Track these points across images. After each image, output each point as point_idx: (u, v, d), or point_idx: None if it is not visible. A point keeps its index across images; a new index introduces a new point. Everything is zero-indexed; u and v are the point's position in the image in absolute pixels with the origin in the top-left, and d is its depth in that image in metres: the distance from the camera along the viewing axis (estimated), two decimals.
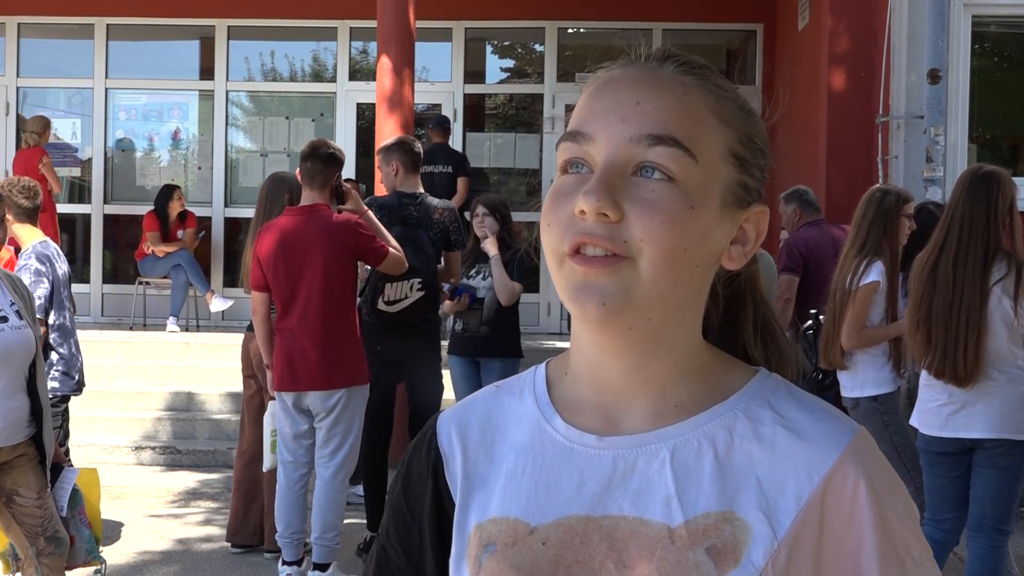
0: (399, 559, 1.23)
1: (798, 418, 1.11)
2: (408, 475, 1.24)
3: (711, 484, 1.08)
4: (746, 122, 1.14)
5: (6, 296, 4.17)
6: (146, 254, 10.80)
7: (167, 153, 12.12)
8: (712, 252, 1.12)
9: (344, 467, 5.57)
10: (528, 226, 11.51)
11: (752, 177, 1.14)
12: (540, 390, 1.20)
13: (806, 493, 1.07)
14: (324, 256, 5.40)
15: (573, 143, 1.11)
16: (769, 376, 1.16)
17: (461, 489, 1.18)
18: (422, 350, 6.24)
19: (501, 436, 1.20)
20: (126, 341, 9.87)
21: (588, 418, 1.15)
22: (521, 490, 1.14)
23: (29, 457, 4.23)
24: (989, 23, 8.73)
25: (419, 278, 6.03)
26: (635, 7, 11.25)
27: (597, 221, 1.05)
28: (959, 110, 8.28)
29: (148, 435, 8.70)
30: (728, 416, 1.12)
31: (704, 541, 1.06)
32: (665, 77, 1.11)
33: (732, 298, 1.23)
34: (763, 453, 1.09)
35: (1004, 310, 4.36)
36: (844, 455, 1.08)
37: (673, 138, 1.07)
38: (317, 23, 11.62)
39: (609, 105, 1.10)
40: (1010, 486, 4.43)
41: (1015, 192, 4.47)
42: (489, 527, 1.14)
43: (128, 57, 11.92)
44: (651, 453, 1.11)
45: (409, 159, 6.28)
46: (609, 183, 1.06)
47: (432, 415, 1.06)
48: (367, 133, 10.88)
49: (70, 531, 4.41)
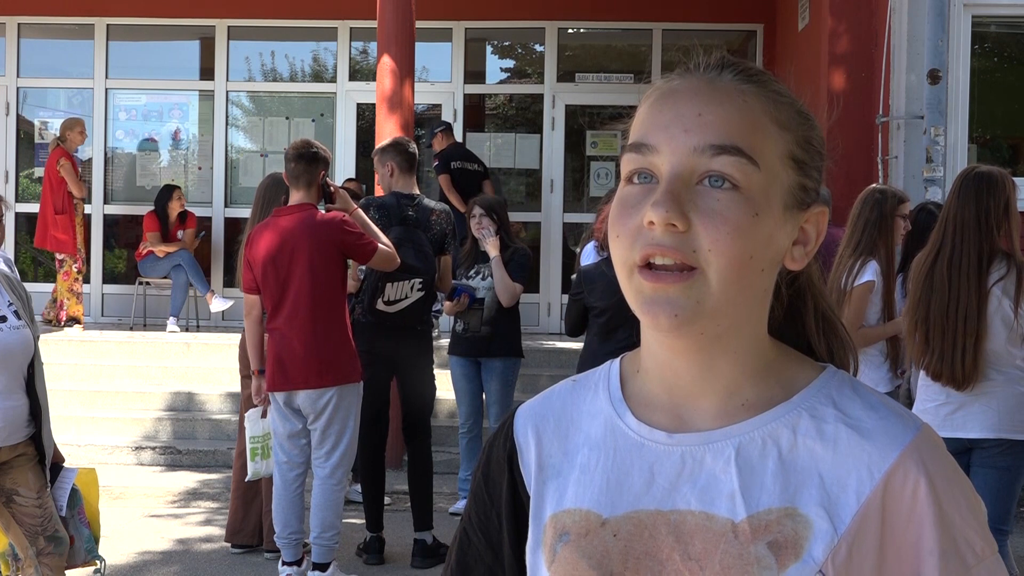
0: (479, 543, 1.28)
1: (861, 416, 1.14)
2: (488, 463, 1.30)
3: (774, 481, 1.12)
4: (803, 126, 1.18)
5: (4, 296, 4.17)
6: (146, 254, 10.80)
7: (167, 153, 12.12)
8: (776, 255, 1.15)
9: (340, 467, 5.57)
10: (526, 226, 11.53)
11: (810, 179, 1.18)
12: (614, 386, 1.24)
13: (867, 490, 1.10)
14: (310, 255, 5.41)
15: (637, 154, 1.14)
16: (835, 373, 1.19)
17: (535, 480, 1.24)
18: (416, 351, 6.24)
19: (576, 429, 1.24)
20: (126, 341, 9.87)
21: (658, 415, 1.19)
22: (594, 483, 1.19)
23: (28, 457, 4.23)
24: (989, 23, 8.73)
25: (420, 278, 6.03)
26: (635, 7, 11.25)
27: (666, 232, 1.09)
28: (959, 110, 8.28)
29: (148, 435, 8.71)
30: (792, 414, 1.15)
31: (766, 536, 1.10)
32: (724, 86, 1.15)
33: (795, 295, 1.26)
34: (825, 451, 1.12)
35: (1004, 311, 4.35)
36: (905, 453, 1.11)
37: (736, 147, 1.10)
38: (317, 23, 11.62)
39: (671, 116, 1.13)
40: (1009, 486, 4.43)
41: (1012, 192, 4.46)
42: (564, 517, 1.19)
43: (128, 57, 11.92)
44: (717, 450, 1.14)
45: (404, 160, 6.28)
46: (676, 194, 1.09)
47: (425, 416, 1.07)
48: (367, 133, 10.88)
49: (69, 531, 4.41)
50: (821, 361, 1.23)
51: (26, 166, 11.96)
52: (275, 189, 5.98)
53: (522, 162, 11.85)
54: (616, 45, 12.21)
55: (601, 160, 11.71)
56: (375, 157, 6.41)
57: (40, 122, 12.05)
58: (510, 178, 12.06)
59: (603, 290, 5.51)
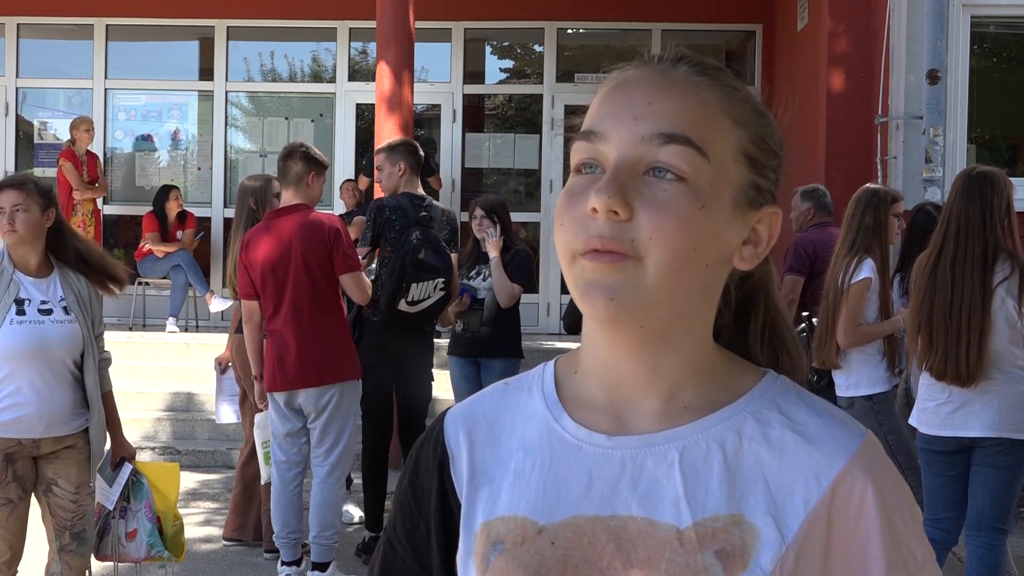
0: (405, 554, 1.24)
1: (807, 421, 1.11)
2: (416, 470, 1.24)
3: (720, 486, 1.09)
4: (758, 123, 1.15)
5: (58, 290, 4.24)
6: (145, 254, 10.80)
7: (166, 153, 12.13)
8: (723, 252, 1.12)
9: (340, 465, 5.58)
10: (526, 226, 11.53)
11: (765, 178, 1.15)
12: (549, 388, 1.20)
13: (814, 498, 1.08)
14: (307, 253, 5.43)
15: (587, 142, 1.12)
16: (777, 378, 1.16)
17: (467, 487, 1.19)
18: (419, 351, 6.26)
19: (509, 434, 1.20)
20: (125, 341, 9.87)
21: (597, 417, 1.15)
22: (530, 489, 1.15)
23: (77, 450, 4.31)
24: (988, 24, 8.74)
25: (442, 278, 6.07)
26: (634, 8, 11.26)
27: (607, 219, 1.06)
28: (958, 111, 8.28)
29: (148, 435, 8.71)
30: (737, 418, 1.12)
31: (713, 544, 1.07)
32: (678, 78, 1.12)
33: (744, 299, 1.23)
34: (772, 456, 1.10)
35: (1008, 311, 4.37)
36: (852, 460, 1.09)
37: (685, 136, 1.08)
38: (316, 24, 11.62)
39: (622, 105, 1.11)
40: (1009, 485, 4.44)
41: (1011, 192, 4.47)
42: (497, 525, 1.15)
43: (127, 58, 11.92)
44: (660, 454, 1.11)
45: (415, 161, 6.31)
46: (620, 181, 1.06)
47: (422, 415, 1.06)
48: (367, 134, 10.88)
49: (132, 524, 4.48)
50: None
51: (25, 166, 11.95)
52: (264, 192, 6.04)
53: (521, 162, 11.86)
54: (615, 45, 12.20)
55: None
56: (380, 154, 6.41)
57: (39, 122, 12.05)
58: (509, 178, 12.07)
59: None
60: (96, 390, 4.32)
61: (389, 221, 6.08)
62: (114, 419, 4.52)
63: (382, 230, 6.11)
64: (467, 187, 11.69)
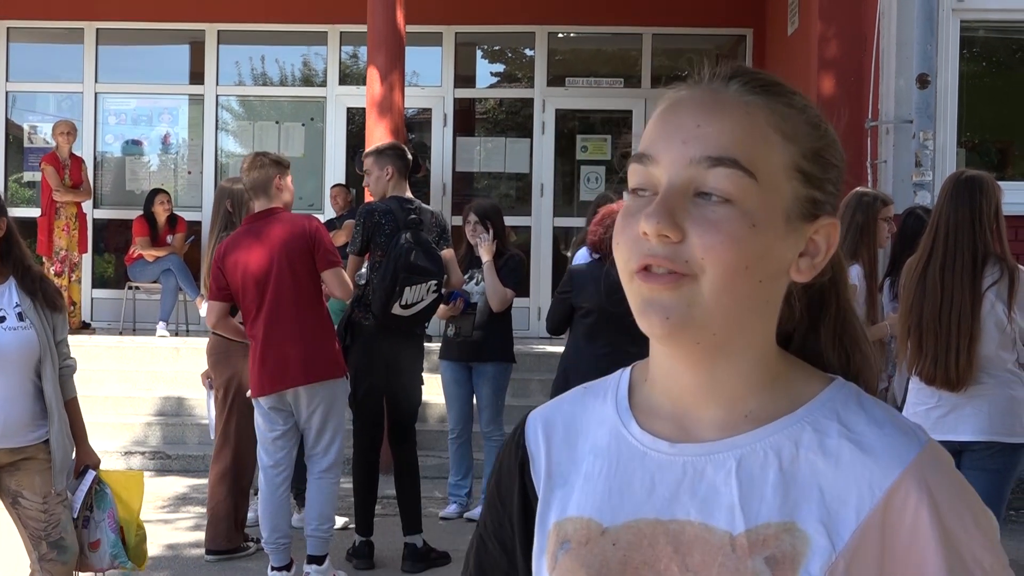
0: (495, 549, 1.30)
1: (865, 431, 1.13)
2: (500, 470, 1.31)
3: (774, 494, 1.12)
4: (813, 137, 1.17)
5: (13, 297, 4.18)
6: (135, 259, 10.78)
7: (157, 157, 12.10)
8: (777, 267, 1.14)
9: (336, 461, 5.67)
10: (516, 230, 11.53)
11: (821, 190, 1.17)
12: (622, 394, 1.25)
13: (867, 508, 1.10)
14: (288, 252, 5.47)
15: (640, 165, 1.15)
16: (843, 386, 1.18)
17: (543, 487, 1.24)
18: (410, 355, 6.25)
19: (583, 437, 1.25)
20: (115, 346, 9.84)
21: (662, 424, 1.20)
22: (597, 491, 1.19)
23: (39, 461, 4.22)
24: (978, 28, 8.76)
25: (435, 280, 6.07)
26: (625, 12, 11.27)
27: (659, 242, 1.10)
28: (948, 114, 8.30)
29: (138, 440, 8.68)
30: (796, 427, 1.14)
31: (763, 550, 1.10)
32: (728, 98, 1.15)
33: (813, 304, 1.25)
34: (827, 465, 1.12)
35: (997, 315, 4.37)
36: (907, 472, 1.10)
37: (732, 159, 1.10)
38: (307, 28, 11.61)
39: (672, 127, 1.14)
40: (998, 488, 4.44)
41: (1000, 196, 4.48)
42: (566, 525, 1.20)
43: (118, 61, 11.90)
44: (719, 461, 1.14)
45: (403, 164, 6.31)
46: (669, 205, 1.10)
47: (412, 420, 1.06)
48: (357, 138, 10.87)
49: (96, 534, 4.41)
50: (834, 373, 1.22)
51: (15, 170, 11.93)
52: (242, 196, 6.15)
53: (512, 166, 11.86)
54: (606, 49, 12.21)
55: (591, 164, 11.72)
56: (368, 159, 6.41)
57: (29, 126, 12.02)
58: (500, 182, 12.07)
59: (592, 292, 5.53)
60: (56, 398, 4.21)
61: (378, 225, 6.08)
62: (79, 426, 4.38)
63: (372, 235, 6.11)
64: (458, 191, 11.69)
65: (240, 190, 6.19)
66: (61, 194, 10.33)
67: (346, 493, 6.76)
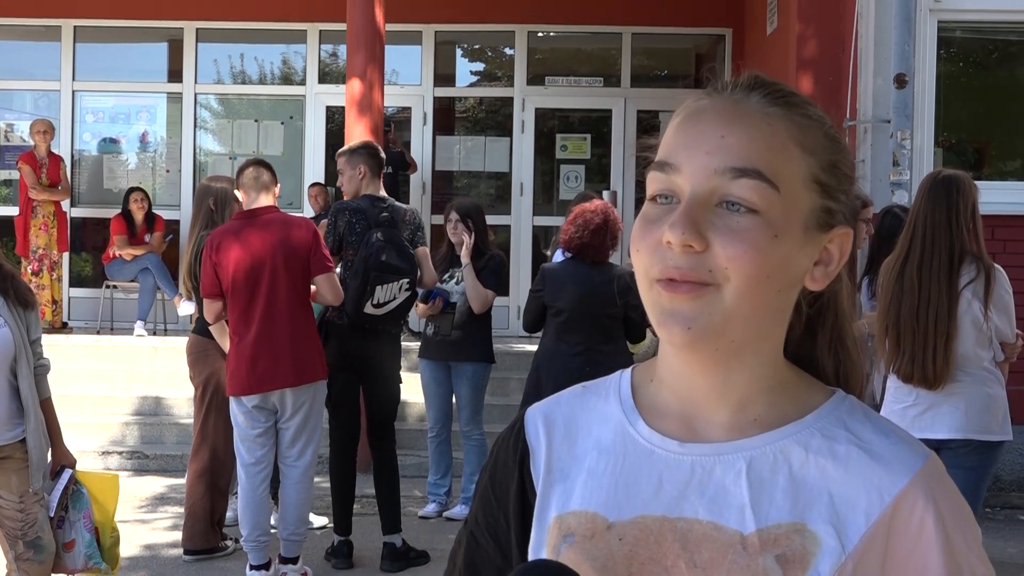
0: (488, 545, 1.29)
1: (873, 440, 1.16)
2: (495, 464, 1.31)
3: (784, 496, 1.14)
4: (830, 149, 1.19)
5: None
6: (113, 257, 10.73)
7: (135, 156, 12.05)
8: (795, 276, 1.17)
9: (312, 463, 5.68)
10: (495, 229, 11.52)
11: (836, 201, 1.19)
12: (625, 394, 1.26)
13: (876, 512, 1.12)
14: (287, 254, 5.47)
15: (661, 173, 1.16)
16: (846, 398, 1.21)
17: (543, 481, 1.25)
18: (387, 354, 6.24)
19: (585, 434, 1.25)
20: (93, 345, 9.80)
21: (670, 424, 1.21)
22: (602, 487, 1.20)
23: (15, 460, 4.19)
24: (955, 28, 8.80)
25: (407, 278, 6.07)
26: (604, 11, 11.28)
27: (683, 253, 1.11)
28: (925, 114, 8.34)
29: (115, 440, 8.64)
30: (804, 433, 1.17)
31: (775, 549, 1.12)
32: (750, 109, 1.16)
33: (814, 313, 1.27)
34: (837, 470, 1.14)
35: (974, 313, 4.40)
36: (915, 479, 1.13)
37: (756, 170, 1.12)
38: (286, 26, 11.58)
39: (695, 137, 1.15)
40: (975, 486, 4.46)
41: (977, 195, 4.51)
42: (569, 519, 1.20)
43: (95, 59, 11.83)
44: (728, 463, 1.16)
45: (376, 163, 6.31)
46: (693, 215, 1.11)
47: (391, 418, 1.06)
48: (337, 136, 10.85)
49: (71, 534, 4.38)
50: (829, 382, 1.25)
51: None
52: (225, 195, 6.13)
53: (492, 165, 11.86)
54: (586, 49, 12.22)
55: (571, 163, 11.73)
56: (342, 158, 6.41)
57: (6, 124, 11.95)
58: (480, 181, 12.07)
59: (564, 291, 5.53)
60: (32, 397, 4.18)
61: (350, 224, 6.08)
62: (54, 426, 4.35)
63: (344, 233, 6.10)
64: (437, 189, 11.68)
65: (223, 188, 6.17)
66: (37, 192, 10.28)
67: (324, 493, 6.75)
